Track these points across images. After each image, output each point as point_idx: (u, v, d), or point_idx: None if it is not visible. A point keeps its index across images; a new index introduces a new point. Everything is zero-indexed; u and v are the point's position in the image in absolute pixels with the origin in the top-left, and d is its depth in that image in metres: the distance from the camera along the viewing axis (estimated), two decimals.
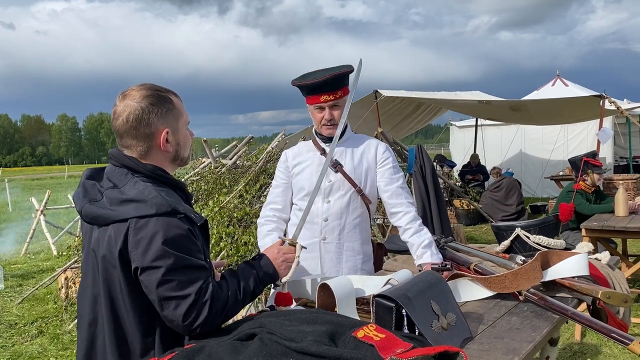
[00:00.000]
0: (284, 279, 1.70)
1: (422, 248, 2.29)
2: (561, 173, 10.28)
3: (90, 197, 1.52)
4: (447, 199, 9.75)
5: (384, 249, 2.65)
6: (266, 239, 2.39)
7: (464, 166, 12.61)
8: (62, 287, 5.99)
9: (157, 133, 1.54)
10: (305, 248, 1.83)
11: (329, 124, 2.38)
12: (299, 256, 1.73)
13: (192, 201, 5.60)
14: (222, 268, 2.18)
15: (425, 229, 2.37)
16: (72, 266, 5.93)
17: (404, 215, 2.39)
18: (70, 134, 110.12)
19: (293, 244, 1.75)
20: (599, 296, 1.79)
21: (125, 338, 1.51)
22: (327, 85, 2.28)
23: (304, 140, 2.65)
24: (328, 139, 2.43)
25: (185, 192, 1.64)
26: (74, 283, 5.84)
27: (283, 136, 7.25)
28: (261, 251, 1.76)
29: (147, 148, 1.55)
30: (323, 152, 2.45)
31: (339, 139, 2.44)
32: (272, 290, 2.50)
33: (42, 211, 9.98)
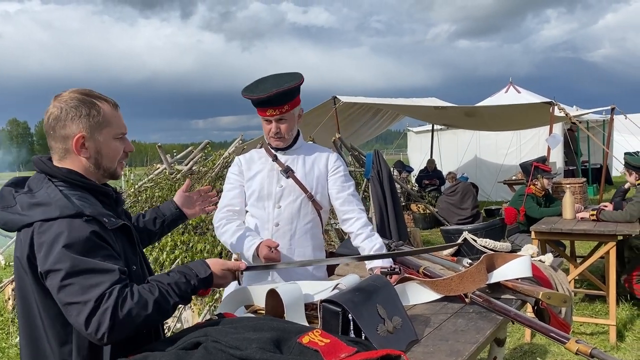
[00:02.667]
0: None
1: (373, 252, 2.32)
2: (514, 177, 10.57)
3: (4, 204, 1.49)
4: (404, 204, 9.88)
5: (335, 256, 2.66)
6: (239, 232, 2.32)
7: (420, 171, 12.83)
8: (9, 299, 5.77)
9: (72, 136, 1.51)
10: (240, 284, 1.77)
11: (275, 136, 2.40)
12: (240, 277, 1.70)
13: (145, 208, 5.44)
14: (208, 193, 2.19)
15: (376, 235, 2.41)
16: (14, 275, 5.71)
17: (355, 221, 2.42)
18: (22, 140, 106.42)
19: (237, 278, 1.70)
20: (539, 297, 1.85)
21: (42, 348, 1.46)
22: (273, 101, 2.28)
23: (261, 146, 2.66)
24: (279, 148, 2.46)
25: (110, 197, 1.60)
26: None
27: (240, 142, 7.21)
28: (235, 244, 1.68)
29: (64, 151, 1.53)
30: (275, 158, 2.47)
31: (290, 148, 2.47)
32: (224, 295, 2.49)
33: None
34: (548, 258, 2.34)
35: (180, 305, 1.53)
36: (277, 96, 2.27)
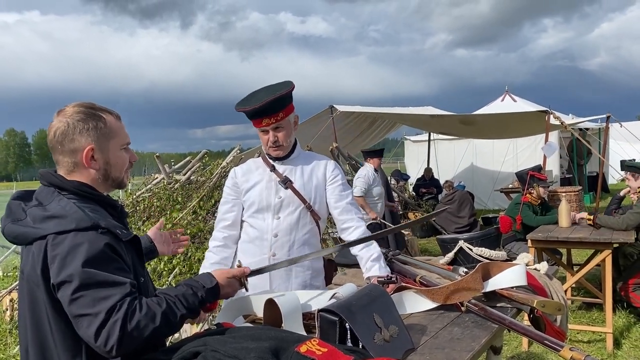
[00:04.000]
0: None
1: (371, 261, 2.34)
2: (510, 186, 10.61)
3: (14, 217, 1.50)
4: (401, 212, 9.90)
5: (334, 265, 2.68)
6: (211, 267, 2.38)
7: (418, 180, 12.86)
8: (7, 310, 5.75)
9: (81, 149, 1.54)
10: (247, 290, 1.80)
11: (274, 145, 2.41)
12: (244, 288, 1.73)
13: (144, 217, 5.43)
14: (179, 235, 2.18)
15: (375, 243, 2.42)
16: (18, 287, 5.71)
17: (354, 230, 2.44)
18: (19, 149, 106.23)
19: (243, 284, 1.74)
20: (534, 305, 1.87)
21: None
22: (267, 109, 2.29)
23: (257, 156, 2.68)
24: (277, 158, 2.47)
25: (116, 209, 1.63)
26: None
27: (238, 151, 7.24)
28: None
29: (73, 164, 1.55)
30: (273, 168, 2.48)
31: (287, 158, 2.48)
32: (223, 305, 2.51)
33: None
34: (543, 266, 2.36)
35: (188, 319, 1.54)
36: (270, 104, 2.28)
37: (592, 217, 4.74)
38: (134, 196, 6.11)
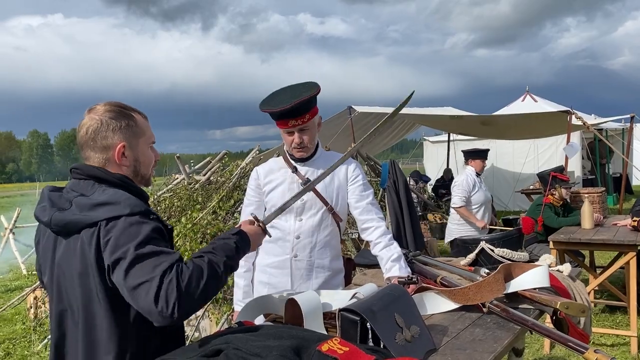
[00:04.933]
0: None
1: (391, 261, 2.33)
2: (531, 187, 10.49)
3: (59, 207, 1.53)
4: (420, 214, 9.85)
5: (352, 263, 2.68)
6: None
7: (437, 181, 12.78)
8: (31, 307, 5.87)
9: (113, 146, 1.59)
10: (270, 236, 1.90)
11: (299, 147, 2.41)
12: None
13: (164, 217, 5.53)
14: None
15: (395, 243, 2.42)
16: (42, 286, 5.81)
17: (374, 230, 2.43)
18: (42, 151, 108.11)
19: (265, 232, 1.83)
20: (557, 307, 1.85)
21: (97, 353, 1.51)
22: (294, 111, 2.29)
23: (277, 156, 2.68)
24: (299, 159, 2.47)
25: (148, 205, 1.67)
26: (44, 303, 5.72)
27: (257, 152, 7.27)
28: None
29: (104, 160, 1.60)
30: (295, 169, 2.48)
31: (310, 159, 2.48)
32: (236, 307, 2.52)
33: (11, 230, 9.77)
34: (566, 268, 2.33)
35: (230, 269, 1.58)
36: (298, 106, 2.28)
37: (637, 221, 4.59)
38: (155, 196, 6.18)
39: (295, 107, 2.27)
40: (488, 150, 6.20)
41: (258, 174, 2.55)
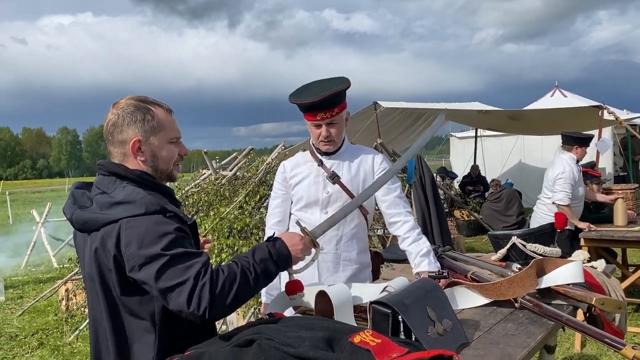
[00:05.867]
0: (295, 267, 1.71)
1: (420, 256, 2.31)
2: None
3: (80, 204, 1.56)
4: (447, 210, 9.76)
5: (380, 257, 2.67)
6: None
7: (464, 177, 12.64)
8: (63, 299, 6.01)
9: (129, 140, 1.59)
10: (323, 249, 1.87)
11: (326, 140, 2.40)
12: (315, 257, 1.76)
13: (192, 212, 5.57)
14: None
15: (424, 238, 2.40)
16: (73, 278, 5.95)
17: (402, 225, 2.42)
18: (71, 147, 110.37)
19: (313, 241, 1.76)
20: (592, 302, 1.82)
21: (127, 343, 1.54)
22: (323, 104, 2.28)
23: (304, 151, 2.68)
24: (325, 153, 2.47)
25: (174, 199, 1.67)
26: (75, 295, 5.86)
27: (282, 148, 7.30)
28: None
29: (122, 155, 1.61)
30: (321, 163, 2.47)
31: (336, 153, 2.47)
32: (264, 299, 2.54)
33: (42, 223, 10.01)
34: (600, 264, 2.29)
35: (265, 279, 1.57)
36: (328, 99, 2.27)
37: None
38: (183, 191, 6.25)
39: (324, 100, 2.26)
40: (592, 136, 5.27)
41: (285, 167, 2.56)
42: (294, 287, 1.77)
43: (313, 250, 1.77)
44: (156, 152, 1.63)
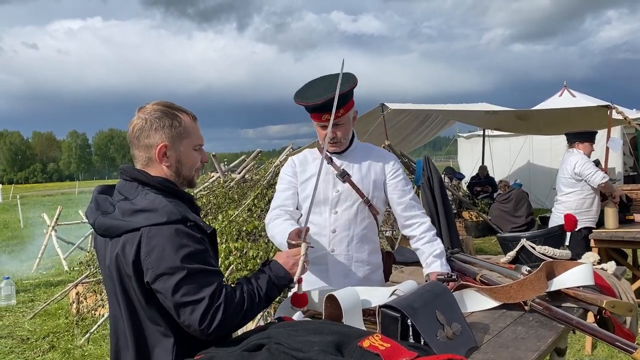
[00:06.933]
0: (295, 277, 1.73)
1: (433, 257, 2.30)
2: None
3: (103, 210, 1.57)
4: (455, 211, 9.73)
5: (392, 257, 2.64)
6: (283, 225, 2.23)
7: (472, 178, 12.60)
8: (74, 302, 6.04)
9: (155, 145, 1.60)
10: (313, 247, 1.87)
11: (331, 141, 2.36)
12: (304, 254, 1.76)
13: (201, 215, 5.62)
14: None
15: (439, 240, 2.39)
16: (83, 281, 5.98)
17: (420, 225, 2.40)
18: (81, 151, 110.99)
19: (298, 245, 1.80)
20: (603, 305, 1.81)
21: (147, 347, 1.56)
22: (329, 105, 2.20)
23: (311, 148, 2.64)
24: (333, 152, 2.44)
25: (194, 205, 1.69)
26: (85, 298, 5.89)
27: (291, 150, 7.30)
28: (280, 239, 1.83)
29: (147, 159, 1.62)
30: (330, 161, 2.43)
31: (346, 150, 2.44)
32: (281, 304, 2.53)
33: (53, 227, 10.07)
34: (610, 266, 2.27)
35: (268, 299, 1.63)
36: (333, 101, 2.18)
37: None
38: (192, 194, 6.28)
39: (329, 102, 2.20)
40: (596, 132, 5.32)
41: (294, 162, 2.51)
42: (299, 301, 1.81)
43: (302, 249, 1.78)
44: (181, 158, 1.65)
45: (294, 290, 1.80)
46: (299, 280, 1.76)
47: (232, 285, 1.58)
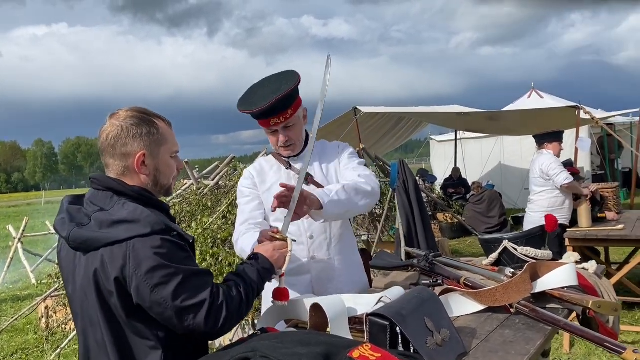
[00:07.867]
0: (283, 270, 1.74)
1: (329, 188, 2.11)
2: None
3: (78, 222, 1.48)
4: (430, 213, 9.80)
5: (367, 253, 2.60)
6: (255, 236, 2.02)
7: (445, 180, 12.73)
8: (42, 317, 5.85)
9: (133, 154, 1.53)
10: (295, 241, 1.85)
11: (285, 145, 2.26)
12: (291, 250, 1.77)
13: (176, 223, 5.52)
14: None
15: (353, 186, 2.15)
16: (53, 294, 5.79)
17: (358, 176, 2.25)
18: (47, 160, 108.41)
19: (284, 239, 1.79)
20: (589, 306, 1.80)
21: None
22: (274, 109, 2.10)
23: (266, 155, 2.54)
24: (289, 156, 2.33)
25: (169, 215, 1.62)
26: (55, 312, 5.70)
27: (265, 155, 7.23)
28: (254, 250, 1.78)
29: (123, 168, 1.55)
30: (289, 165, 2.33)
31: (302, 152, 2.32)
32: (261, 311, 2.46)
33: (19, 239, 9.77)
34: (592, 266, 2.28)
35: (258, 294, 1.66)
36: (278, 103, 2.09)
37: None
38: (165, 202, 6.15)
39: (275, 105, 2.09)
40: (563, 131, 5.46)
41: (252, 174, 2.38)
42: (281, 295, 1.80)
43: (288, 245, 1.79)
44: (159, 166, 1.58)
45: (276, 284, 1.79)
46: (282, 275, 1.76)
47: (226, 283, 1.57)
